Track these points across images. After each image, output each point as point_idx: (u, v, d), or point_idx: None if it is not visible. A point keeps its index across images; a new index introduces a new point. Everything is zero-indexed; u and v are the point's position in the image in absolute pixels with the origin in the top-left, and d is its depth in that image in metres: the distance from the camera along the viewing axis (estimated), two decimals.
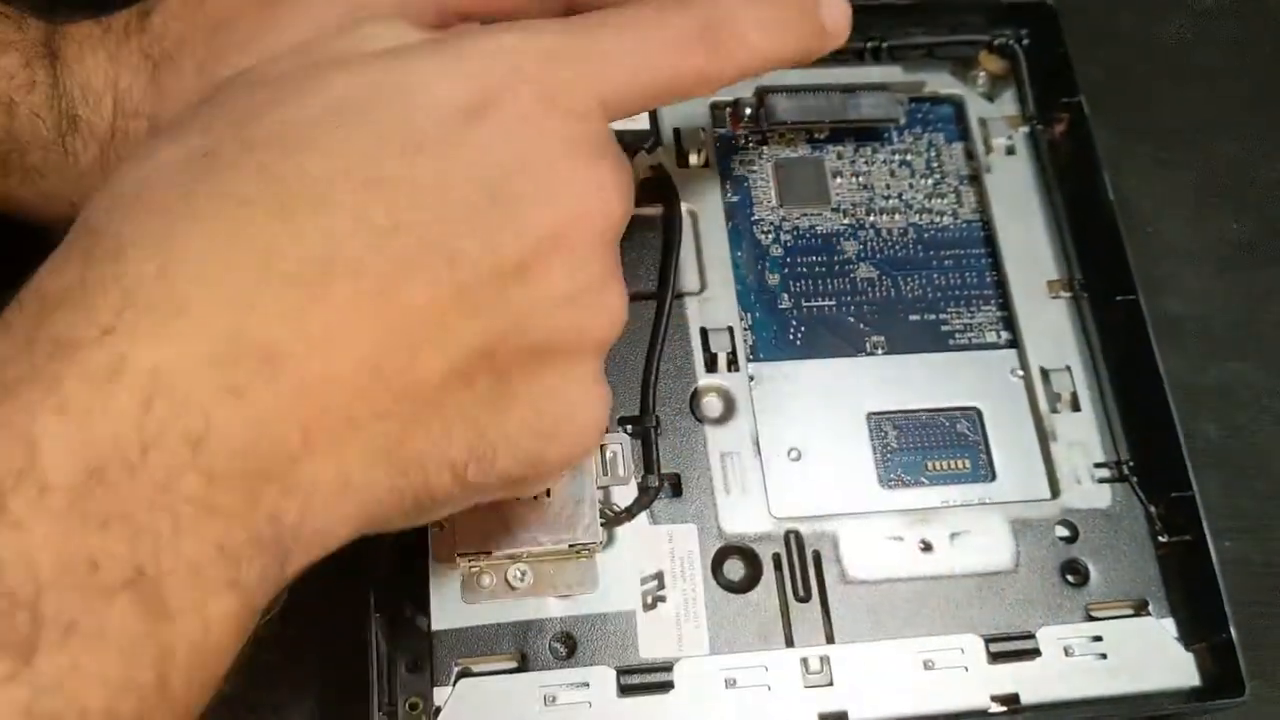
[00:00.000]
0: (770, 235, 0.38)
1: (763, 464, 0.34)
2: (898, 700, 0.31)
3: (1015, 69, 0.41)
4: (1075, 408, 0.36)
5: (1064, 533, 0.34)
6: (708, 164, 0.38)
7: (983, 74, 0.41)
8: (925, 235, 0.39)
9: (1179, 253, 0.43)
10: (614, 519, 0.32)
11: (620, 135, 0.36)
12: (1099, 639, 0.33)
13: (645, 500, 0.33)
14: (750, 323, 0.37)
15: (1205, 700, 0.32)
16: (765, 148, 0.40)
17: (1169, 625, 0.33)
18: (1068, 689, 0.32)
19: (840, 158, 0.40)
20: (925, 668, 0.32)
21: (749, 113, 0.39)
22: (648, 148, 0.37)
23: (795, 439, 0.35)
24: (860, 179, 0.40)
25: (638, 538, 0.33)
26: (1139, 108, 0.45)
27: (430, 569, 0.31)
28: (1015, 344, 0.37)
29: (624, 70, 0.25)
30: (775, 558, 0.33)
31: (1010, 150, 0.40)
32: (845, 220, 0.39)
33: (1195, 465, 0.34)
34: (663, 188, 0.37)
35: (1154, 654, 0.33)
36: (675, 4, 0.26)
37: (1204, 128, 0.46)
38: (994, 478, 0.35)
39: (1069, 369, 0.36)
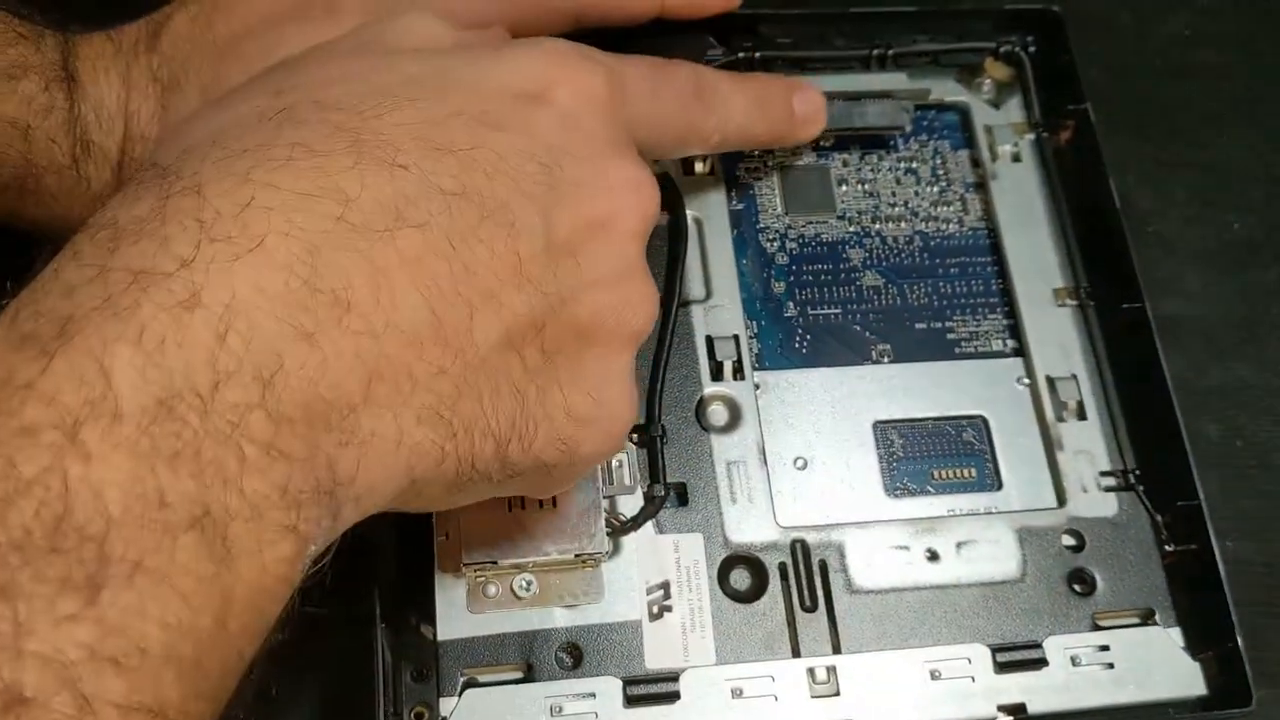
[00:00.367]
0: (776, 243, 0.38)
1: (769, 473, 0.34)
2: (904, 710, 0.31)
3: (1021, 76, 0.41)
4: (1081, 416, 0.36)
5: (1070, 542, 0.34)
6: (713, 172, 0.38)
7: (988, 81, 0.41)
8: (931, 243, 0.39)
9: (1179, 253, 0.43)
10: (620, 528, 0.32)
11: None
12: (1106, 648, 0.33)
13: (651, 509, 0.33)
14: (756, 331, 0.37)
15: (1212, 710, 0.32)
16: (771, 155, 0.39)
17: (1176, 635, 0.33)
18: (1074, 699, 0.32)
19: (846, 165, 0.40)
20: (932, 677, 0.32)
21: None
22: None
23: (801, 448, 0.35)
24: (866, 187, 0.39)
25: (644, 547, 0.33)
26: (1139, 107, 0.45)
27: (436, 579, 0.31)
28: (1021, 352, 0.37)
29: (645, 102, 0.29)
30: (781, 567, 0.33)
31: (1016, 158, 0.40)
32: (851, 228, 0.39)
33: (1196, 466, 0.34)
34: (668, 195, 0.37)
35: (1161, 663, 0.33)
36: (676, 64, 0.31)
37: (1204, 128, 0.46)
38: (1000, 486, 0.35)
39: (1075, 377, 0.36)
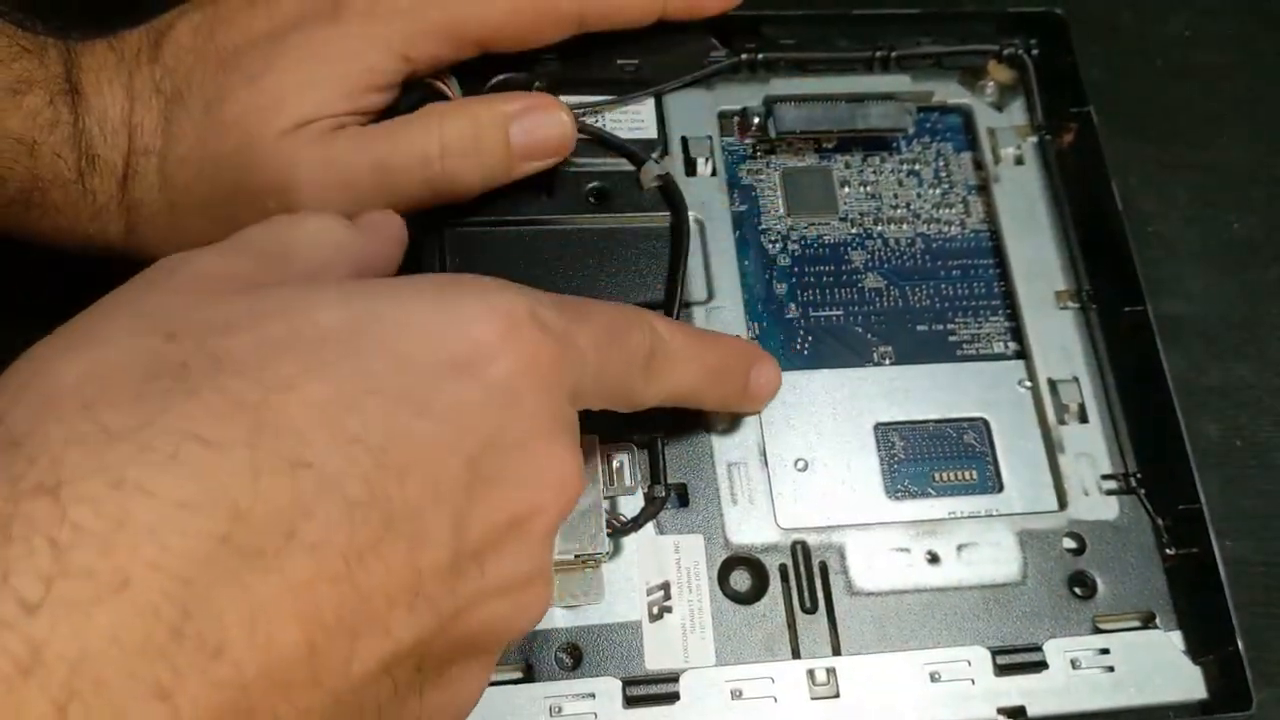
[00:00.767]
0: (778, 245, 0.38)
1: (769, 474, 0.34)
2: (904, 712, 0.31)
3: (1024, 79, 0.41)
4: (1083, 419, 0.36)
5: (1071, 545, 0.34)
6: (715, 173, 0.38)
7: (991, 84, 0.41)
8: (933, 245, 0.39)
9: (1179, 253, 0.43)
10: (620, 529, 0.32)
11: (629, 144, 0.37)
12: (1106, 651, 0.33)
13: (652, 510, 0.33)
14: (757, 332, 0.37)
15: (1212, 713, 0.32)
16: (773, 157, 0.39)
17: (1176, 638, 0.33)
18: (1074, 702, 0.32)
19: (848, 167, 0.40)
20: (932, 680, 0.32)
21: (756, 122, 0.39)
22: (655, 157, 0.37)
23: (802, 449, 0.35)
24: (868, 188, 0.39)
25: (644, 548, 0.33)
26: (1140, 108, 0.45)
27: None
28: (1023, 355, 0.37)
29: (590, 376, 0.26)
30: (782, 568, 0.33)
31: (1019, 160, 0.40)
32: (853, 230, 0.39)
33: (1197, 468, 0.34)
34: (670, 197, 0.37)
35: (1161, 667, 0.33)
36: (634, 325, 0.28)
37: (1204, 128, 0.46)
38: (1001, 489, 0.35)
39: (1077, 380, 0.36)
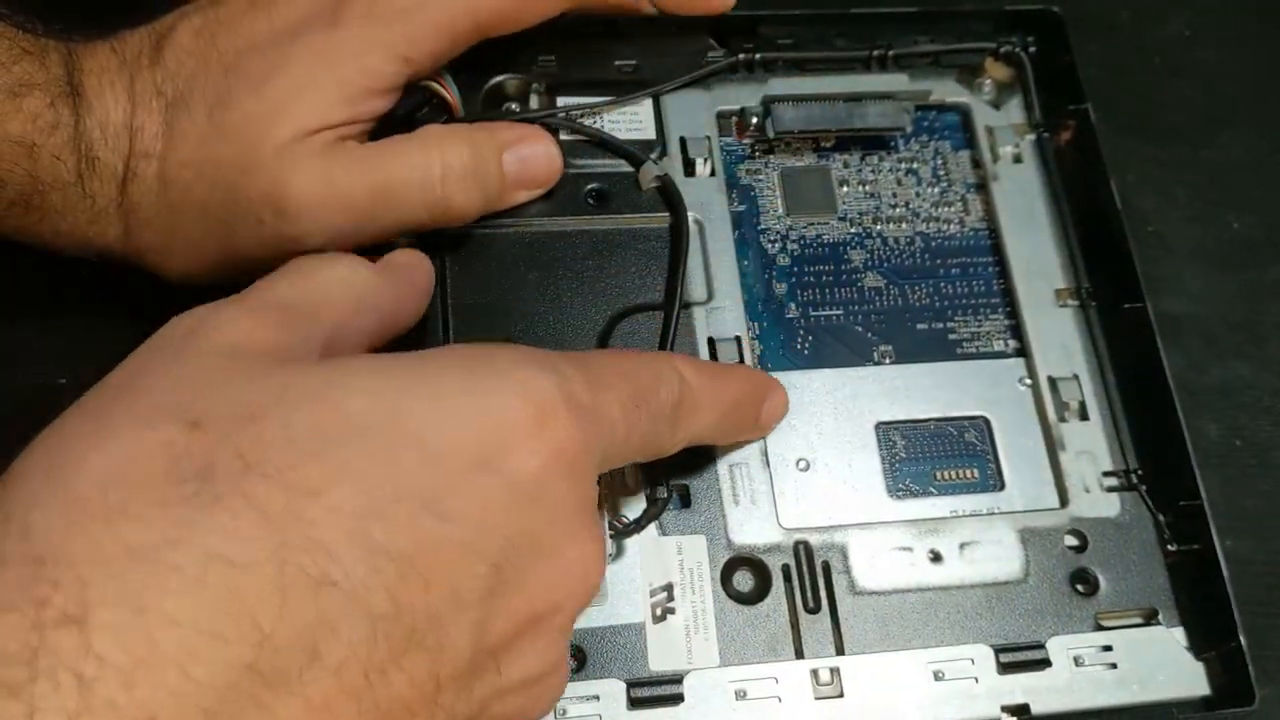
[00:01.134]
0: (777, 244, 0.38)
1: (771, 475, 0.34)
2: (908, 711, 0.31)
3: (1022, 77, 0.41)
4: (1083, 416, 0.36)
5: (1073, 542, 0.34)
6: (714, 173, 0.38)
7: (989, 82, 0.41)
8: (932, 244, 0.39)
9: (1179, 253, 0.43)
10: (623, 530, 0.32)
11: (628, 145, 0.37)
12: (1109, 649, 0.33)
13: (654, 512, 0.33)
14: (758, 332, 0.37)
15: (1215, 710, 0.32)
16: (771, 157, 0.39)
17: (1179, 634, 0.33)
18: (1078, 699, 0.32)
19: (847, 166, 0.40)
20: (935, 678, 0.32)
21: (755, 122, 0.39)
22: (654, 157, 0.37)
23: (803, 449, 0.35)
24: (867, 188, 0.39)
25: (647, 549, 0.33)
26: (1139, 107, 0.45)
27: None
28: (1023, 353, 0.37)
29: (619, 442, 0.26)
30: (784, 569, 0.33)
31: (1017, 158, 0.40)
32: (852, 229, 0.39)
33: (1198, 466, 0.34)
34: (669, 198, 0.37)
35: (1164, 663, 0.33)
36: (660, 379, 0.28)
37: (1204, 127, 0.46)
38: (1002, 487, 0.35)
39: (1077, 378, 0.36)
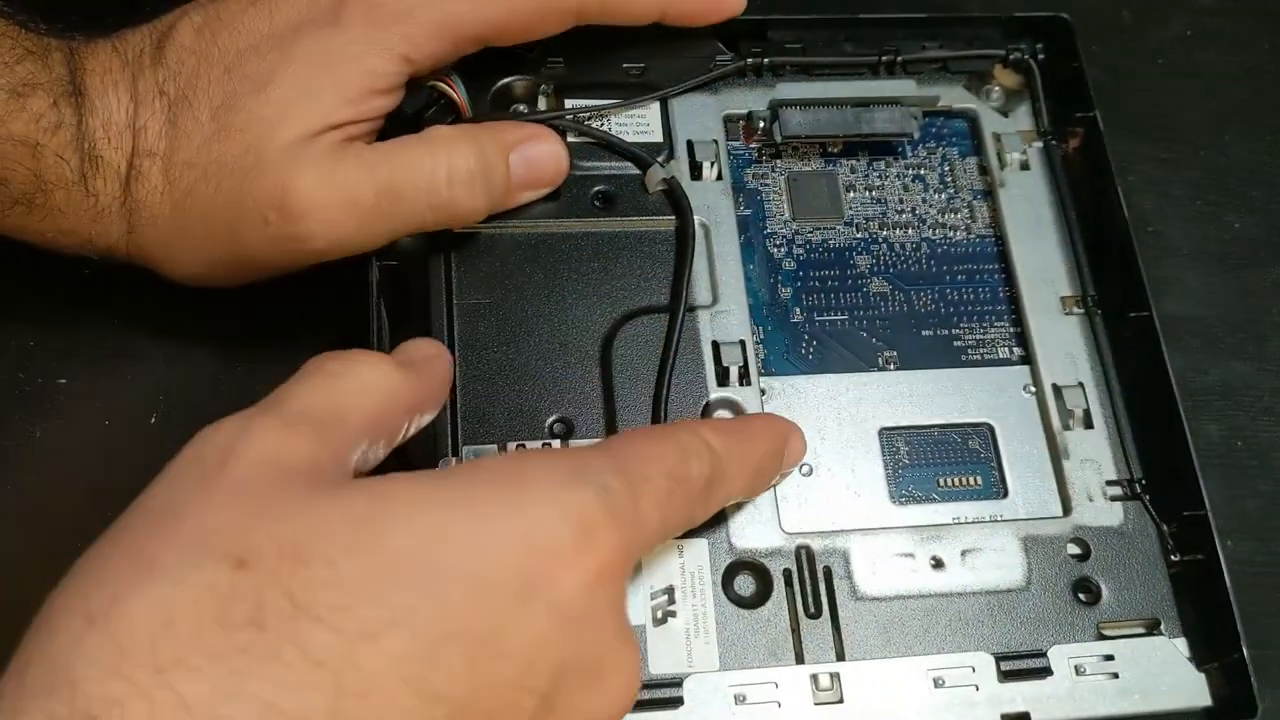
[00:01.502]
0: (783, 249, 0.38)
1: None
2: (908, 718, 0.31)
3: (1030, 83, 0.41)
4: (1088, 425, 0.36)
5: (1076, 550, 0.34)
6: (720, 177, 0.38)
7: (997, 88, 0.41)
8: (938, 250, 0.39)
9: (1180, 253, 0.43)
10: None
11: (634, 148, 0.37)
12: (1110, 658, 0.33)
13: None
14: (762, 337, 0.37)
15: None
16: (778, 161, 0.40)
17: (1181, 645, 0.33)
18: (1079, 708, 0.32)
19: (853, 172, 0.40)
20: (936, 685, 0.32)
21: (762, 126, 0.39)
22: (661, 161, 0.37)
23: (806, 454, 0.35)
24: (873, 193, 0.39)
25: (648, 552, 0.33)
26: (1140, 107, 0.45)
27: None
28: (1028, 360, 0.37)
29: (656, 532, 0.26)
30: (786, 573, 0.33)
31: (1024, 165, 0.40)
32: (858, 234, 0.39)
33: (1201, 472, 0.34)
34: (675, 201, 0.37)
35: (1166, 674, 0.33)
36: (693, 455, 0.28)
37: (1204, 127, 0.46)
38: (1006, 494, 0.35)
39: (1082, 386, 0.36)
